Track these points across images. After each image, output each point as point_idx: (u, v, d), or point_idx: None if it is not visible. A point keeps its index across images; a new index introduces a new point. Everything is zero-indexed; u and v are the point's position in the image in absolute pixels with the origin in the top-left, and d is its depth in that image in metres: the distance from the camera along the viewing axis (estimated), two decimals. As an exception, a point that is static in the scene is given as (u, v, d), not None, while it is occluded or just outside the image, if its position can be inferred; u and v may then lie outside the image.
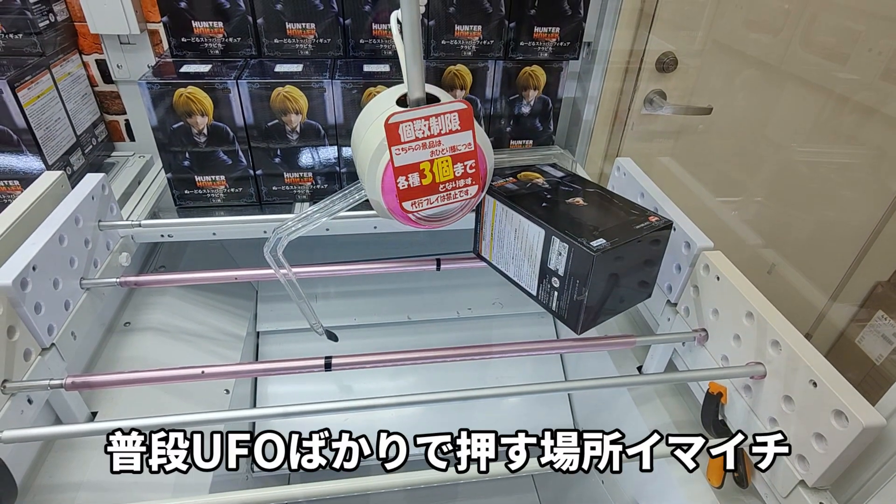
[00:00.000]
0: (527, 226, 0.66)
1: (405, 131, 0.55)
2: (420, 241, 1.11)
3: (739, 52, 1.19)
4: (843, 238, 1.33)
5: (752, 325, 0.60)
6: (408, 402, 0.60)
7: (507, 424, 1.08)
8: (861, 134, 1.22)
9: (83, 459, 0.68)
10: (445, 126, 0.57)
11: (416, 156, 0.56)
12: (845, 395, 0.49)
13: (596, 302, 0.63)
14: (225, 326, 1.02)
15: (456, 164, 0.58)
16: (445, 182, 0.59)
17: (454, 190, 0.60)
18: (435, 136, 0.56)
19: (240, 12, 0.84)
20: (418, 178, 0.57)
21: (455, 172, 0.59)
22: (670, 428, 0.77)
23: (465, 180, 0.60)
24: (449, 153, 0.58)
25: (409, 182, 0.57)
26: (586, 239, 0.59)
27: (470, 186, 0.60)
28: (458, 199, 0.60)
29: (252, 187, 0.90)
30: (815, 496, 0.54)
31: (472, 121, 0.58)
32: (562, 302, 0.65)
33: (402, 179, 0.57)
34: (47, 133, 0.90)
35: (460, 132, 0.57)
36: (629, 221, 0.64)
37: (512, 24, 0.89)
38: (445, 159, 0.58)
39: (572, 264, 0.61)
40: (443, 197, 0.59)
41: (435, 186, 0.58)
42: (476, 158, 0.59)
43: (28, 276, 0.59)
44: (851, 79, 1.15)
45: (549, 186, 0.72)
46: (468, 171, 0.59)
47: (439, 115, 0.56)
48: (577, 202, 0.68)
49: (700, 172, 1.30)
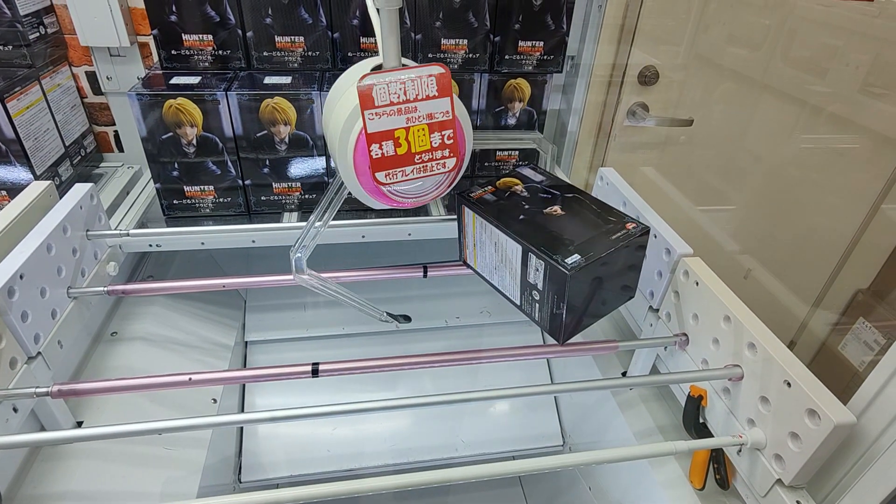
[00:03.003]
0: (505, 241, 0.66)
1: (379, 94, 0.51)
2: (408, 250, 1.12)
3: (720, 66, 1.23)
4: (823, 246, 1.36)
5: (729, 328, 0.62)
6: (395, 406, 0.61)
7: (495, 432, 1.09)
8: (838, 144, 1.26)
9: (69, 469, 0.68)
10: (422, 91, 0.53)
11: (390, 122, 0.52)
12: (817, 394, 0.51)
13: (576, 313, 0.64)
14: (213, 336, 1.02)
15: (433, 133, 0.54)
16: (422, 153, 0.55)
17: (431, 162, 0.56)
18: (411, 101, 0.53)
19: (230, 25, 0.85)
20: (393, 146, 0.53)
21: (432, 142, 0.55)
22: (654, 432, 0.79)
23: (443, 151, 0.56)
24: (426, 121, 0.54)
25: (383, 151, 0.53)
26: (561, 256, 0.59)
27: (448, 159, 0.56)
28: (434, 171, 0.56)
29: (241, 197, 0.90)
30: (791, 494, 0.55)
31: (450, 87, 0.54)
32: (543, 313, 0.66)
33: (375, 148, 0.52)
34: (36, 144, 0.91)
35: (438, 98, 0.54)
36: (606, 231, 0.64)
37: (497, 38, 0.92)
38: (422, 127, 0.54)
39: (549, 281, 0.61)
40: (419, 169, 0.55)
41: (410, 157, 0.54)
42: (454, 129, 0.55)
43: (15, 284, 0.59)
44: (829, 91, 1.19)
45: (527, 195, 0.72)
46: (446, 142, 0.55)
47: (415, 78, 0.52)
48: (555, 212, 0.68)
49: (681, 182, 1.33)
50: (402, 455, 1.04)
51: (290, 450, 1.02)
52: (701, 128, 1.23)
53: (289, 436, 1.03)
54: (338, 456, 1.02)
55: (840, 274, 1.35)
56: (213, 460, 0.83)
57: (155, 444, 0.77)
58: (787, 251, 1.41)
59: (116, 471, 0.71)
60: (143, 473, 0.73)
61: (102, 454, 0.71)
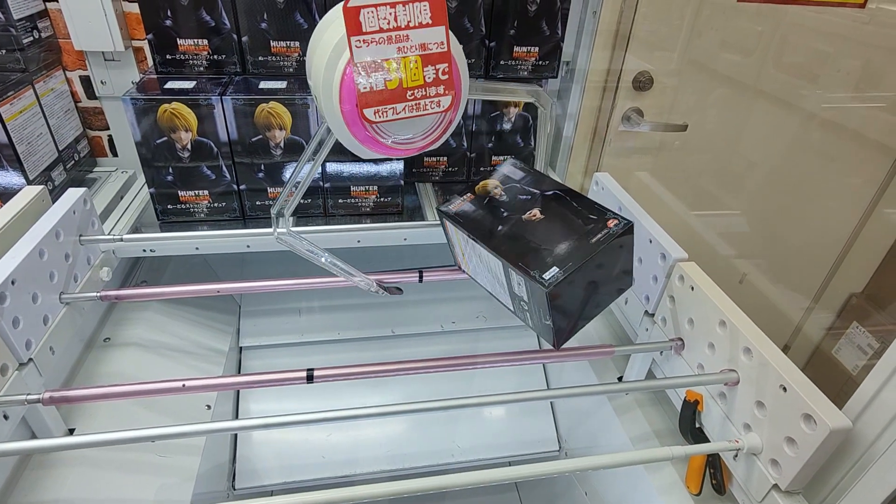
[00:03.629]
0: (487, 255, 0.65)
1: (367, 20, 0.47)
2: (404, 255, 1.12)
3: (714, 72, 1.24)
4: (817, 250, 1.37)
5: (725, 333, 0.62)
6: (390, 412, 0.61)
7: (491, 437, 1.08)
8: (831, 149, 1.27)
9: (60, 477, 0.67)
10: (415, 18, 0.49)
11: (380, 51, 0.48)
12: (813, 398, 0.51)
13: (567, 320, 0.63)
14: (207, 342, 1.02)
15: (427, 66, 0.50)
16: (414, 88, 0.50)
17: (424, 100, 0.51)
18: (402, 28, 0.48)
19: (225, 30, 0.85)
20: (382, 80, 0.48)
21: (426, 77, 0.50)
22: (650, 437, 0.78)
23: (437, 88, 0.51)
24: (419, 51, 0.49)
25: (372, 84, 0.48)
26: (539, 271, 0.58)
27: (443, 97, 0.51)
28: (429, 110, 0.52)
29: (236, 202, 0.90)
30: (788, 500, 0.55)
31: (444, 15, 0.50)
32: (535, 321, 0.65)
33: (362, 80, 0.48)
34: (29, 148, 0.90)
35: (431, 27, 0.49)
36: (587, 232, 0.62)
37: (492, 44, 0.92)
38: (414, 59, 0.49)
39: (532, 294, 0.61)
40: (411, 107, 0.50)
41: (402, 92, 0.50)
42: (450, 62, 0.51)
43: (6, 290, 0.59)
44: (821, 97, 1.20)
45: (507, 198, 0.70)
46: (440, 77, 0.51)
47: (407, 2, 0.48)
48: (534, 216, 0.66)
49: (676, 187, 1.33)
50: (398, 461, 1.04)
51: (284, 456, 1.01)
52: (695, 133, 1.24)
53: (283, 442, 1.03)
54: (333, 462, 1.02)
55: (834, 278, 1.36)
56: (206, 467, 0.82)
57: (148, 452, 0.76)
58: (781, 255, 1.42)
59: (109, 478, 0.70)
60: (137, 481, 0.72)
61: (95, 462, 0.71)
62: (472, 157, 1.02)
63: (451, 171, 1.03)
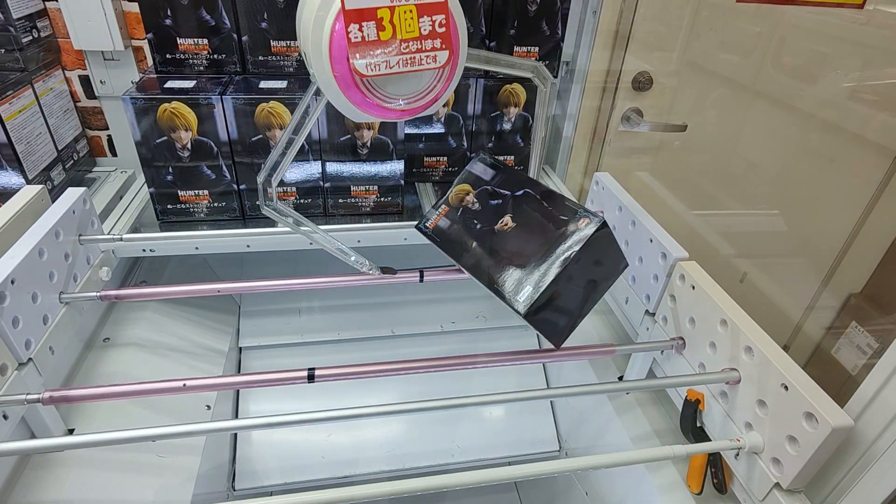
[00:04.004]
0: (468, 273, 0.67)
1: None
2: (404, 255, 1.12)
3: (713, 72, 1.24)
4: (816, 250, 1.37)
5: (726, 332, 0.62)
6: (390, 412, 0.61)
7: (491, 437, 1.08)
8: (830, 150, 1.27)
9: (60, 477, 0.67)
10: None
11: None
12: (815, 397, 0.51)
13: (560, 322, 0.63)
14: (207, 342, 1.01)
15: (422, 16, 0.47)
16: (409, 41, 0.47)
17: (420, 53, 0.48)
18: None
19: (225, 30, 0.85)
20: (375, 29, 0.46)
21: (421, 29, 0.48)
22: (651, 436, 0.78)
23: (434, 42, 0.48)
24: (413, 1, 0.47)
25: (364, 33, 0.46)
26: (513, 293, 0.59)
27: (440, 51, 0.49)
28: (424, 65, 0.49)
29: (235, 202, 0.90)
30: (790, 498, 0.55)
31: None
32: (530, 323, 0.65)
33: (354, 29, 0.45)
34: (28, 148, 0.90)
35: None
36: (559, 236, 0.60)
37: (492, 44, 0.92)
38: (409, 8, 0.47)
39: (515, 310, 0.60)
40: (406, 61, 0.48)
41: (396, 44, 0.47)
42: (447, 14, 0.48)
43: (6, 289, 0.59)
44: (819, 97, 1.20)
45: (479, 207, 0.69)
46: (437, 30, 0.48)
47: None
48: (505, 226, 0.65)
49: (676, 186, 1.33)
50: (398, 461, 1.03)
51: (284, 456, 1.01)
52: (694, 133, 1.24)
53: (283, 442, 1.03)
54: (333, 462, 1.01)
55: (833, 278, 1.36)
56: (206, 467, 0.82)
57: (148, 452, 0.76)
58: (779, 255, 1.42)
59: (109, 478, 0.70)
60: (136, 481, 0.72)
61: (94, 462, 0.70)
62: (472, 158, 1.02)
63: (451, 171, 1.03)
